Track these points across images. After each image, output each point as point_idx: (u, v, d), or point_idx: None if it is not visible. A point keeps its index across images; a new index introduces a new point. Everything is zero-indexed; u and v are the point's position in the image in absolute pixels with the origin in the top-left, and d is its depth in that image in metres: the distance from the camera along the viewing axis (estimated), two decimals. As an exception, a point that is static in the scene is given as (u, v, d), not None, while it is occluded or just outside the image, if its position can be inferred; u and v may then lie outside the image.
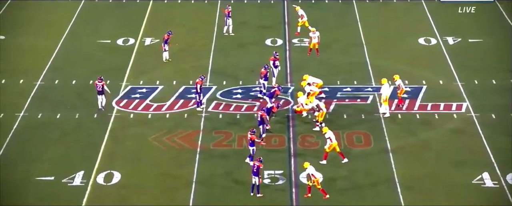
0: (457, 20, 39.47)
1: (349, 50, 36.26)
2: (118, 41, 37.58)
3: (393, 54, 35.67)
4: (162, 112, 31.26)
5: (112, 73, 34.10)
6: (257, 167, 25.71)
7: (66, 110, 31.22)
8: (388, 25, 39.10)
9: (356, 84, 32.91)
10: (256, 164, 25.69)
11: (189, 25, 39.33)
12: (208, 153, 28.34)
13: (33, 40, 37.49)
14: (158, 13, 40.59)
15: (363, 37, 37.64)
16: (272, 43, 37.35)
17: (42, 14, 40.45)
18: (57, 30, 38.53)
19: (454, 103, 31.48)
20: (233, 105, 31.64)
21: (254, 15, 40.50)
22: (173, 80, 33.65)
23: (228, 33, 37.50)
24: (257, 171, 25.68)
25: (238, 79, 33.59)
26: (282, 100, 31.49)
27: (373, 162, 27.81)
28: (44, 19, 39.84)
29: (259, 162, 25.85)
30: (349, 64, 34.74)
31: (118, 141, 29.08)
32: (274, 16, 40.37)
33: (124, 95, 32.45)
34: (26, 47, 36.84)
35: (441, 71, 34.15)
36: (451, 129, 29.76)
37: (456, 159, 27.91)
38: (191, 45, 37.10)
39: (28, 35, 38.03)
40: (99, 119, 30.46)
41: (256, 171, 25.67)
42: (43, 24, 39.30)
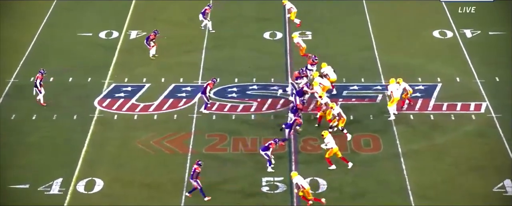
0: (476, 10, 39.42)
1: (356, 45, 36.22)
2: (101, 35, 37.48)
3: (405, 48, 35.60)
4: (150, 112, 31.19)
5: (94, 70, 34.01)
6: (194, 170, 25.88)
7: (42, 111, 31.13)
8: (399, 17, 39.05)
9: (363, 82, 32.86)
10: (193, 167, 25.94)
11: (179, 16, 39.26)
12: (200, 157, 28.26)
13: (5, 33, 37.35)
14: (145, 3, 40.47)
15: (371, 31, 37.58)
16: (271, 37, 37.30)
17: (15, 3, 40.32)
18: (32, 22, 38.42)
19: (473, 103, 31.46)
20: (228, 104, 31.58)
21: (252, 7, 40.43)
22: (162, 77, 33.58)
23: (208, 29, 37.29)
24: (194, 174, 25.86)
25: (234, 77, 33.53)
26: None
27: (383, 168, 27.77)
28: (17, 9, 39.71)
29: (198, 165, 25.97)
30: (356, 60, 34.69)
31: (100, 144, 29.00)
32: (273, 7, 40.31)
33: (107, 94, 32.37)
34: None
35: (458, 67, 34.12)
36: (469, 132, 29.73)
37: (475, 164, 27.88)
38: (182, 38, 37.05)
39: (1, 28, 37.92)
40: (79, 121, 30.39)
41: (192, 175, 25.83)
42: (16, 15, 39.15)
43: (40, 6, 39.96)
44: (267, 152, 27.17)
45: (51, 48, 36.21)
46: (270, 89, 32.40)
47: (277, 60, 34.93)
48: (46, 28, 38.05)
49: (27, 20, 38.62)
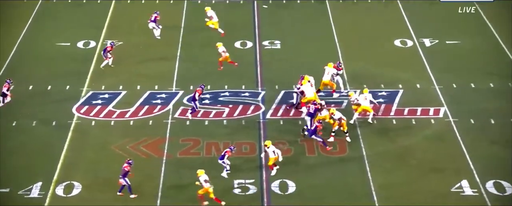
0: (434, 21, 39.89)
1: (322, 53, 36.39)
2: (79, 44, 37.19)
3: (368, 56, 35.86)
4: (126, 118, 31.01)
5: (72, 78, 33.74)
6: (123, 168, 26.04)
7: (22, 118, 30.77)
8: (362, 26, 39.35)
9: (329, 88, 32.98)
10: (123, 166, 26.13)
11: (152, 27, 39.14)
12: (174, 161, 28.14)
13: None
14: (121, 14, 40.27)
15: (336, 39, 37.82)
16: (242, 46, 37.34)
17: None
18: (13, 32, 37.97)
19: (432, 108, 31.77)
20: (201, 110, 31.52)
21: (222, 16, 40.43)
22: (137, 85, 33.41)
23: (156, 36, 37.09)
24: (123, 173, 25.96)
25: (206, 84, 33.43)
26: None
27: (348, 170, 27.90)
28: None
29: (128, 164, 26.13)
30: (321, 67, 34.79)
31: (78, 149, 28.76)
32: (243, 17, 40.39)
33: (85, 101, 32.12)
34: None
35: (418, 74, 34.45)
36: (429, 135, 30.01)
37: (435, 166, 28.13)
38: (156, 47, 36.90)
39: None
40: (58, 127, 30.09)
41: (123, 174, 25.96)
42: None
43: (19, 17, 39.53)
44: (224, 159, 27.04)
45: (31, 57, 35.83)
46: (241, 95, 32.42)
47: (248, 68, 34.93)
48: (26, 38, 37.64)
49: (7, 31, 38.16)
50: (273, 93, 32.57)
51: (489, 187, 26.94)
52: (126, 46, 36.98)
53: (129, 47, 36.88)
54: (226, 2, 41.97)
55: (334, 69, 32.22)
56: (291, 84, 33.14)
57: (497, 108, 31.57)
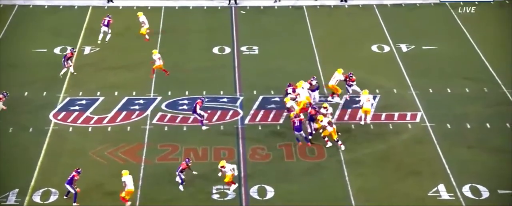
0: (410, 26, 40.26)
1: (299, 58, 36.54)
2: (55, 50, 36.99)
3: (346, 61, 36.05)
4: (104, 124, 30.89)
5: (49, 84, 33.54)
6: (72, 176, 26.14)
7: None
8: (340, 31, 39.61)
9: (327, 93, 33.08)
10: (73, 173, 26.13)
11: (130, 31, 39.02)
12: (153, 167, 28.07)
13: (-38, 49, 36.65)
14: (98, 19, 40.09)
15: (314, 44, 38.01)
16: (220, 51, 37.38)
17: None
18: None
19: (409, 113, 32.03)
20: (179, 116, 31.49)
21: (200, 22, 40.51)
22: (115, 91, 33.30)
23: (103, 41, 37.00)
24: (71, 180, 26.02)
25: (184, 90, 33.45)
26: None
27: (327, 176, 28.03)
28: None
29: (77, 172, 26.16)
30: (299, 73, 34.97)
31: (55, 156, 28.59)
32: (221, 22, 40.43)
33: (62, 108, 31.95)
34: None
35: (395, 79, 34.73)
36: (406, 139, 30.24)
37: (413, 170, 28.36)
38: (133, 52, 36.81)
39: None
40: (35, 133, 29.89)
41: (69, 180, 26.02)
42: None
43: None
44: (181, 173, 26.94)
45: (7, 64, 35.52)
46: (219, 101, 32.44)
47: (226, 74, 34.96)
48: (1, 44, 37.34)
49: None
50: (252, 98, 32.65)
51: (466, 191, 27.20)
52: (103, 52, 36.86)
53: (106, 53, 36.76)
54: (204, 7, 42.00)
55: (342, 76, 32.16)
56: (270, 90, 33.25)
57: (473, 112, 31.93)
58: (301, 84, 31.16)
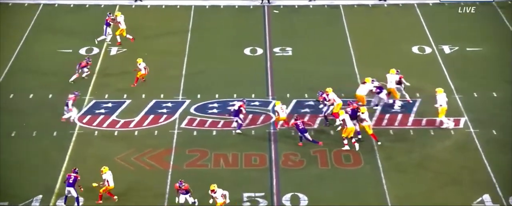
0: (454, 26, 40.01)
1: (336, 60, 36.55)
2: (81, 51, 37.54)
3: (384, 64, 35.93)
4: (130, 128, 31.25)
5: (74, 86, 34.02)
6: (74, 178, 26.30)
7: (22, 128, 31.07)
8: (378, 32, 39.51)
9: (343, 97, 33.03)
10: (72, 175, 26.42)
11: (159, 31, 39.43)
12: (181, 173, 28.34)
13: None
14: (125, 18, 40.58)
15: (351, 46, 37.96)
16: (252, 53, 37.55)
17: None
18: (12, 38, 38.37)
19: (452, 118, 31.85)
20: (208, 120, 31.72)
21: (231, 21, 40.75)
22: (142, 93, 33.67)
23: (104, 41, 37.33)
24: (74, 182, 26.29)
25: (214, 93, 33.70)
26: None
27: (363, 183, 28.01)
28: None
29: (75, 172, 26.49)
30: (335, 75, 35.00)
31: (80, 161, 28.99)
32: (253, 22, 40.61)
33: (87, 111, 32.40)
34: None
35: (437, 83, 34.44)
36: (449, 146, 30.07)
37: (454, 179, 28.20)
38: (162, 54, 37.18)
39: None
40: (59, 137, 30.37)
41: (72, 182, 26.31)
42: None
43: (20, 23, 39.94)
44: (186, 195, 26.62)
45: (31, 64, 36.14)
46: (250, 104, 32.59)
47: (258, 76, 35.14)
48: (26, 44, 37.98)
49: (6, 36, 38.53)
50: (285, 102, 32.73)
51: (513, 202, 27.01)
52: (130, 53, 37.30)
53: (133, 54, 37.14)
54: (235, 7, 42.24)
55: (397, 76, 32.19)
56: (303, 93, 33.33)
57: (520, 117, 31.67)
58: (330, 90, 31.15)
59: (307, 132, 29.56)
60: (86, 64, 34.41)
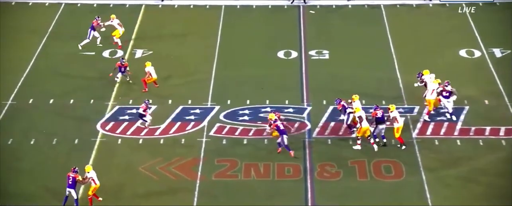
0: (505, 28, 39.62)
1: (376, 64, 36.45)
2: (104, 54, 37.92)
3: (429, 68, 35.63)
4: (156, 136, 31.45)
5: (97, 91, 34.36)
6: (72, 178, 26.62)
7: (41, 135, 31.42)
8: (423, 34, 39.29)
9: (384, 104, 32.91)
10: (71, 176, 26.77)
11: (187, 33, 39.67)
12: (209, 184, 28.44)
13: (2, 52, 37.85)
14: (150, 19, 40.99)
15: (393, 48, 37.83)
16: (286, 56, 37.59)
17: (12, 19, 40.84)
18: (32, 39, 38.84)
19: (503, 127, 31.51)
20: (239, 128, 31.81)
21: (264, 22, 40.84)
22: (169, 99, 33.90)
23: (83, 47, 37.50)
24: (73, 183, 26.71)
25: (245, 98, 33.80)
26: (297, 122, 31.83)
27: (405, 197, 27.85)
28: (15, 25, 40.20)
29: (74, 172, 26.82)
30: (375, 80, 34.91)
31: (102, 170, 29.14)
32: (288, 23, 40.66)
33: (110, 117, 32.66)
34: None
35: (487, 89, 34.22)
36: (500, 159, 29.73)
37: (504, 194, 27.89)
38: (190, 56, 37.40)
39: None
40: (80, 145, 30.67)
41: (71, 183, 26.73)
42: (14, 31, 39.65)
43: (40, 23, 40.44)
44: None
45: (52, 68, 36.55)
46: (284, 111, 32.62)
47: (292, 81, 35.18)
48: (46, 46, 38.45)
49: (26, 38, 39.03)
50: (321, 109, 32.72)
51: None
52: (156, 55, 37.60)
53: (159, 57, 37.45)
54: (268, 7, 42.35)
55: (436, 85, 32.10)
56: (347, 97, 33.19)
57: None
58: (357, 97, 31.02)
59: (286, 134, 29.53)
60: (121, 65, 34.22)
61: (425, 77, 32.40)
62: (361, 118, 29.83)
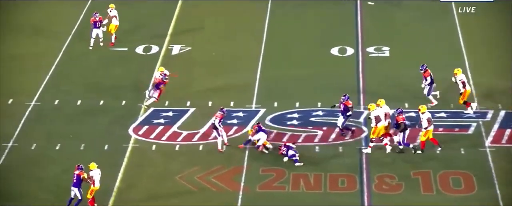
0: None
1: (443, 63, 36.09)
2: (138, 49, 38.18)
3: (505, 69, 35.40)
4: (194, 142, 31.54)
5: (129, 91, 34.60)
6: (77, 176, 26.60)
7: (68, 139, 31.70)
8: (499, 32, 38.85)
9: (453, 108, 32.60)
10: (75, 174, 26.95)
11: (229, 29, 39.78)
12: (253, 197, 28.42)
13: (26, 48, 38.29)
14: (188, 13, 41.16)
15: (463, 45, 37.43)
16: (340, 53, 37.49)
17: (37, 15, 41.35)
18: (58, 36, 39.28)
19: None
20: (287, 133, 31.73)
21: (316, 16, 40.76)
22: (209, 101, 33.99)
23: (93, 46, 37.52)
24: (78, 181, 26.80)
25: (294, 100, 33.72)
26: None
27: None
28: (40, 22, 40.69)
29: (79, 169, 27.02)
30: (443, 82, 34.58)
31: (135, 180, 29.36)
32: (342, 16, 40.54)
33: (144, 121, 32.84)
34: (17, 57, 37.58)
35: None
36: None
37: None
38: (233, 54, 37.49)
39: (18, 42, 38.82)
40: (111, 151, 30.89)
41: (76, 182, 26.85)
42: (39, 28, 40.13)
43: (67, 17, 40.91)
44: None
45: (79, 66, 36.93)
46: (337, 115, 32.47)
47: (348, 81, 35.10)
48: (73, 43, 38.85)
49: (51, 35, 39.45)
50: (380, 113, 32.49)
51: None
52: (195, 52, 37.73)
53: (198, 54, 37.61)
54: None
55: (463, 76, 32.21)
56: (403, 102, 33.01)
57: None
58: (383, 102, 30.52)
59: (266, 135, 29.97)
60: (160, 80, 33.79)
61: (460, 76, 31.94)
62: (379, 118, 29.54)
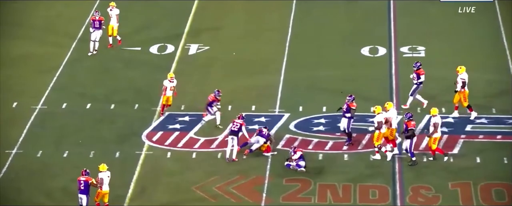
0: None
1: (485, 64, 35.97)
2: (152, 49, 38.25)
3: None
4: (212, 149, 31.52)
5: (142, 94, 34.63)
6: (84, 182, 26.81)
7: (76, 146, 31.77)
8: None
9: (495, 113, 32.46)
10: (81, 180, 27.14)
11: (251, 27, 39.80)
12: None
13: (32, 48, 38.48)
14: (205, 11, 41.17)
15: (507, 45, 37.38)
16: (371, 53, 37.43)
17: (44, 12, 41.57)
18: (65, 35, 39.48)
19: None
20: (313, 140, 31.66)
21: (345, 13, 40.72)
22: (228, 105, 33.96)
23: (94, 51, 37.40)
24: (86, 187, 26.94)
25: (321, 105, 33.62)
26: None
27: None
28: (46, 20, 40.92)
29: (86, 175, 27.21)
30: (485, 84, 34.42)
31: (148, 189, 29.36)
32: (373, 14, 40.45)
33: (158, 126, 32.86)
34: (21, 57, 37.79)
35: None
36: None
37: None
38: (255, 55, 37.46)
39: (24, 42, 39.01)
40: (122, 159, 30.92)
41: (84, 189, 27.00)
42: (45, 27, 40.34)
43: (75, 14, 41.08)
44: None
45: (89, 67, 37.02)
46: (368, 121, 32.32)
47: (379, 84, 35.06)
48: (82, 42, 38.96)
49: (59, 33, 39.67)
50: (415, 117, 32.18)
51: None
52: (214, 53, 37.76)
53: (217, 54, 37.63)
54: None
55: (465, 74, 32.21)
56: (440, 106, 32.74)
57: None
58: (390, 105, 30.52)
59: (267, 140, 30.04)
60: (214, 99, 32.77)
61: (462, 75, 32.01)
62: (385, 121, 29.52)
